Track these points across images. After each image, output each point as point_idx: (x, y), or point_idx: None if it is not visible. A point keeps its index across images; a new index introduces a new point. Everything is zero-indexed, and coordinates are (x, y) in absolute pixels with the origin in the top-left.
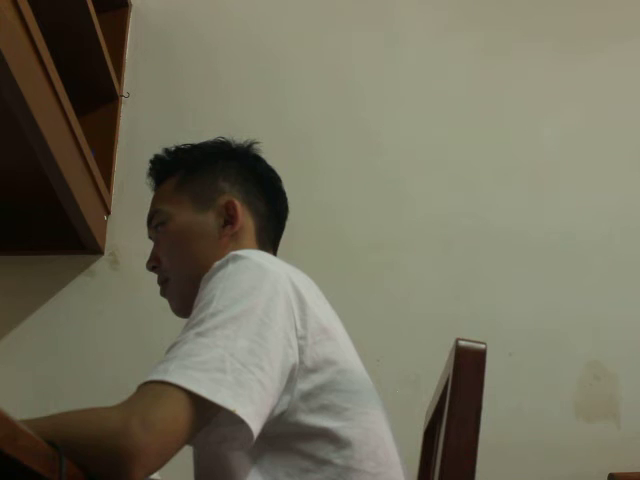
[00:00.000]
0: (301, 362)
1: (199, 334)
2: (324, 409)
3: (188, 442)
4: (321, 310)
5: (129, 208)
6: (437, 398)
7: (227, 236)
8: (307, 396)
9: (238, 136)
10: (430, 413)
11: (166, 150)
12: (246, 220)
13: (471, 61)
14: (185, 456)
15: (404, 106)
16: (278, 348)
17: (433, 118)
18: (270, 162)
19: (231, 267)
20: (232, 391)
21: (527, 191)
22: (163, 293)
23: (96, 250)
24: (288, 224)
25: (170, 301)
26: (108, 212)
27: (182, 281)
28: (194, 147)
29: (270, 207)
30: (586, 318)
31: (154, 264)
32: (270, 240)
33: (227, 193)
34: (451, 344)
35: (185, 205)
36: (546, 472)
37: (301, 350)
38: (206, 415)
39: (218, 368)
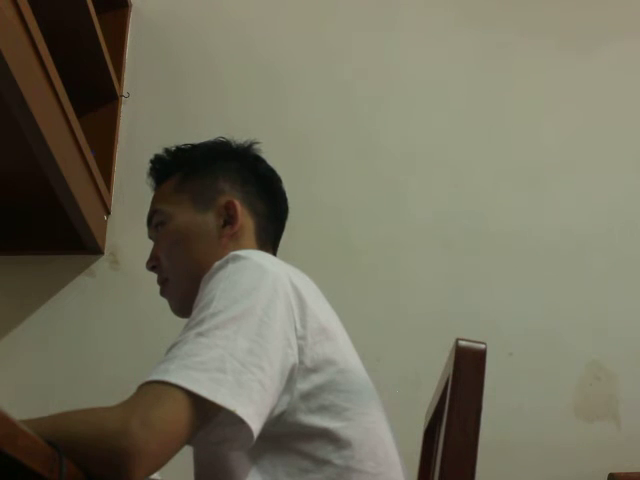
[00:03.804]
0: (301, 362)
1: (199, 334)
2: (324, 409)
3: (188, 442)
4: (321, 310)
5: (129, 208)
6: (437, 398)
7: (227, 236)
8: (307, 396)
9: (238, 136)
10: (430, 413)
11: (166, 150)
12: (246, 220)
13: (471, 61)
14: (185, 456)
15: (404, 106)
16: (278, 348)
17: (433, 118)
18: (270, 162)
19: (231, 267)
20: (232, 391)
21: (527, 191)
22: (163, 293)
23: (96, 250)
24: (288, 224)
25: (170, 301)
26: (108, 212)
27: (182, 281)
28: (194, 147)
29: (270, 207)
30: (586, 318)
31: (154, 264)
32: (270, 240)
33: (227, 193)
34: (451, 344)
35: (185, 205)
36: (546, 472)
37: (301, 350)
38: (206, 415)
39: (218, 368)
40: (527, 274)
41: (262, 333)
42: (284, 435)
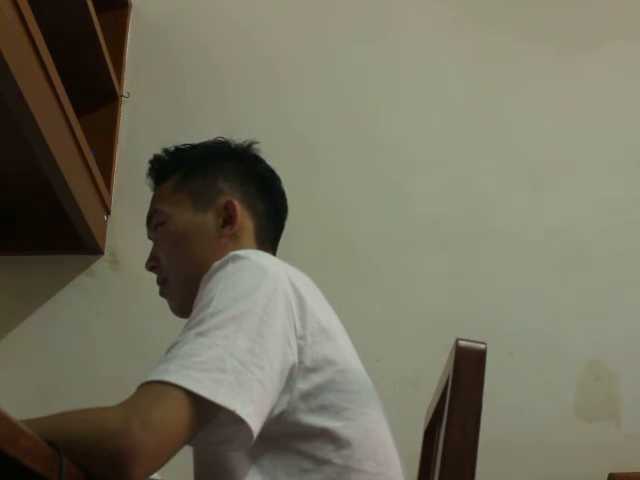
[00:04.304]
0: (300, 362)
1: (199, 334)
2: (324, 409)
3: (188, 442)
4: (321, 310)
5: (129, 208)
6: (437, 398)
7: (226, 236)
8: (307, 396)
9: (238, 136)
10: (430, 413)
11: (165, 150)
12: (245, 220)
13: (471, 61)
14: (185, 456)
15: (404, 106)
16: (278, 348)
17: (433, 118)
18: (270, 162)
19: (230, 267)
20: (232, 391)
21: (527, 191)
22: (162, 293)
23: (96, 250)
24: (288, 224)
25: (169, 301)
26: (108, 212)
27: (181, 281)
28: (193, 147)
29: (269, 207)
30: (586, 318)
31: (153, 264)
32: (269, 240)
33: (226, 193)
34: (451, 344)
35: (184, 205)
36: (546, 472)
37: (300, 350)
38: (206, 415)
39: (218, 368)
40: (527, 274)
41: (262, 333)
42: (284, 435)
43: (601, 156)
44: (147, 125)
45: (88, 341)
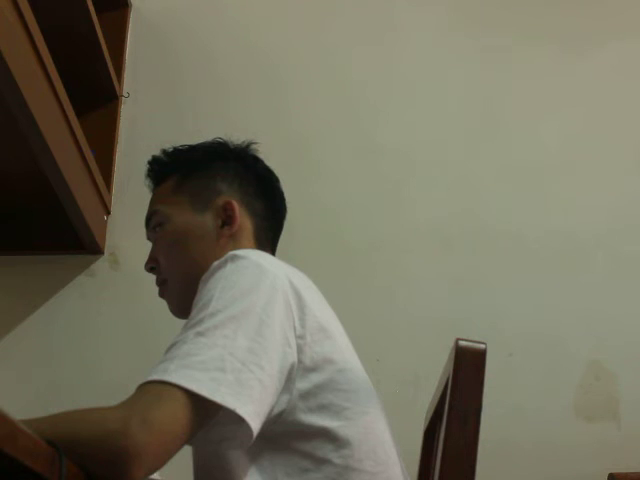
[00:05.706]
0: (300, 361)
1: (198, 334)
2: (323, 408)
3: (188, 442)
4: (320, 310)
5: (129, 208)
6: (437, 398)
7: (225, 237)
8: (306, 395)
9: (238, 136)
10: (430, 413)
11: (164, 151)
12: (244, 220)
13: (471, 62)
14: (185, 456)
15: (404, 106)
16: (277, 347)
17: (433, 118)
18: (269, 162)
19: (229, 267)
20: (232, 390)
21: (527, 192)
22: (161, 294)
23: (96, 250)
24: (288, 224)
25: (169, 302)
26: (108, 212)
27: (180, 282)
28: (192, 148)
29: (268, 207)
30: (586, 318)
31: (152, 265)
32: (268, 240)
33: (225, 194)
34: (451, 344)
35: (183, 206)
36: (546, 472)
37: (300, 349)
38: (206, 415)
39: (218, 367)
40: (527, 274)
41: (262, 332)
42: (283, 434)
43: (602, 156)
44: (147, 125)
45: (88, 341)
